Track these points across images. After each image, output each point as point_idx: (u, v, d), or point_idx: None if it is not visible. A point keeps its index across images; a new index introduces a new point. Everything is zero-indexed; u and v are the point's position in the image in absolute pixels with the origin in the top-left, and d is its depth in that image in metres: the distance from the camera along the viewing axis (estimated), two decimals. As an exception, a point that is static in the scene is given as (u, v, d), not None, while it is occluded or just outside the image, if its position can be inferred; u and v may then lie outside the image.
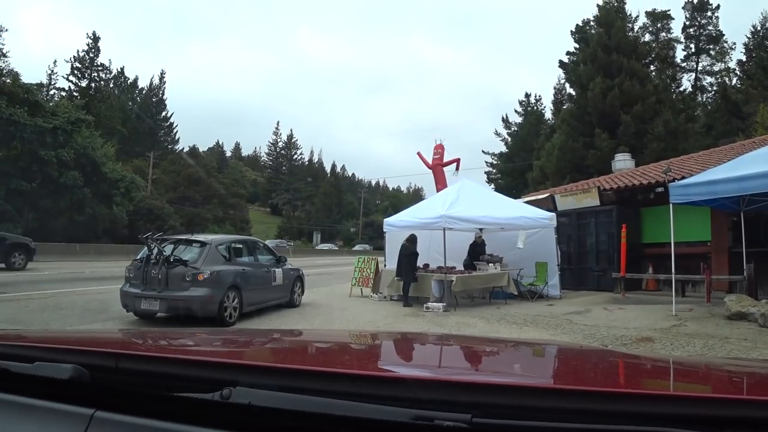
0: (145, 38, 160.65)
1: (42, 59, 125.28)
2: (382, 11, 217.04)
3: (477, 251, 13.15)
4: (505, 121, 56.69)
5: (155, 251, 8.51)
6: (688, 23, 47.44)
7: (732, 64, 45.93)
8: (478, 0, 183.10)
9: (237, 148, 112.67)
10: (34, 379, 1.07)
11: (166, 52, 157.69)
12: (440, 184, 19.20)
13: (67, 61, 56.00)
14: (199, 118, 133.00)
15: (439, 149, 19.76)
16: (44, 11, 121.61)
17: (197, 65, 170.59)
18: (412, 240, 11.97)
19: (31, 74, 74.04)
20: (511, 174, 51.47)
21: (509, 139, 55.44)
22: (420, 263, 12.46)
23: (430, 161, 19.68)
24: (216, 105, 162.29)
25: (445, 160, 19.70)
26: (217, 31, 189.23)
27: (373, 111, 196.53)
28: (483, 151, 57.19)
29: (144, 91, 73.80)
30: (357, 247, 62.85)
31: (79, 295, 11.25)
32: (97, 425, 0.95)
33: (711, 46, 47.26)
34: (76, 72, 55.72)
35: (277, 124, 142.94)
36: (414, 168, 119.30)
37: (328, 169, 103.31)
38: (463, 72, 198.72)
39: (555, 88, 51.83)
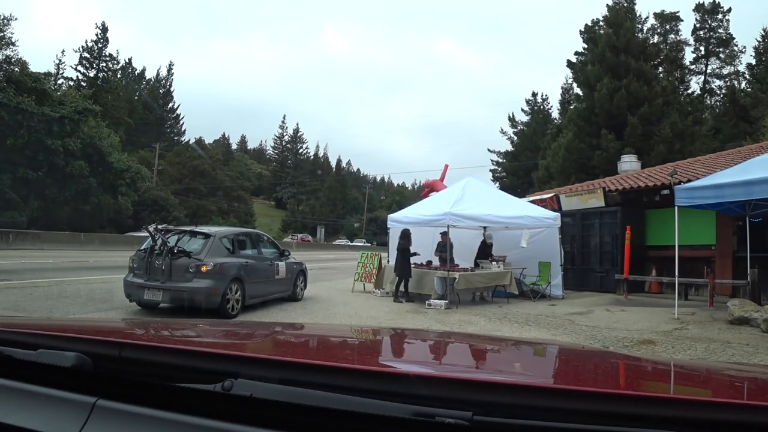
0: (167, 30, 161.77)
1: (53, 48, 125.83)
2: (411, 13, 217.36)
3: (485, 251, 13.15)
4: (512, 119, 56.48)
5: (159, 242, 8.53)
6: (698, 26, 47.21)
7: (741, 68, 45.72)
8: (502, 4, 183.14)
9: (243, 140, 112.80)
10: (38, 367, 1.08)
11: (187, 45, 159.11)
12: None
13: (76, 51, 56.28)
14: (211, 112, 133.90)
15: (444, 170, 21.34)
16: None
17: (217, 59, 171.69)
18: (404, 235, 11.85)
19: (40, 63, 74.00)
20: (517, 173, 51.29)
21: (515, 138, 55.28)
22: (423, 260, 12.47)
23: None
24: (231, 99, 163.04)
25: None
26: (241, 25, 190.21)
27: (391, 109, 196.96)
28: (488, 150, 57.00)
29: (151, 83, 73.95)
30: (356, 242, 64.61)
31: (83, 284, 11.29)
32: (99, 413, 0.96)
33: (721, 49, 46.98)
34: (84, 62, 55.99)
35: (284, 117, 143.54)
36: (422, 165, 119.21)
37: (333, 164, 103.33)
38: (481, 72, 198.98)
39: (562, 87, 51.69)
